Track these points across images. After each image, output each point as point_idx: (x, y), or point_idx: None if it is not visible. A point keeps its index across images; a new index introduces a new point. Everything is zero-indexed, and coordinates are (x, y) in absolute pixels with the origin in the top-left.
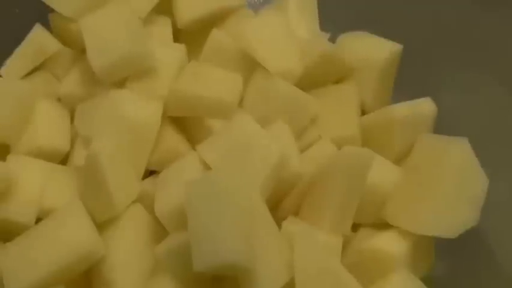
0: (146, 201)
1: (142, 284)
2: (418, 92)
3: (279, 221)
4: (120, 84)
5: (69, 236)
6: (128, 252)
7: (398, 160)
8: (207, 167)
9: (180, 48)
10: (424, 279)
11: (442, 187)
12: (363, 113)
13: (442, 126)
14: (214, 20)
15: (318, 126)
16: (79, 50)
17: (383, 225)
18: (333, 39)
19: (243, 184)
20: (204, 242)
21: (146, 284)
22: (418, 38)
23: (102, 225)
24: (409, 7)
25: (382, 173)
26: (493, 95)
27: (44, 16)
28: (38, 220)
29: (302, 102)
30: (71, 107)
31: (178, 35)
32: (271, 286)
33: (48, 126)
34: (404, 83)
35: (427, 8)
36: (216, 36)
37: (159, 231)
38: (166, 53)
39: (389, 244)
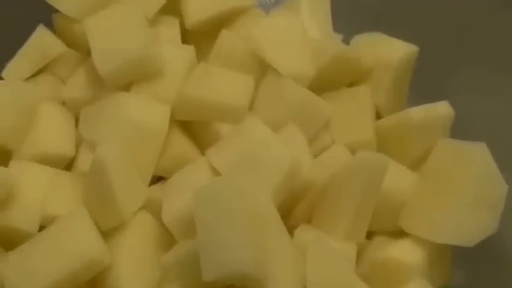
0: (153, 208)
1: None
2: (434, 95)
3: (290, 229)
4: (127, 87)
5: (74, 244)
6: (134, 261)
7: (415, 166)
8: (216, 173)
9: (189, 49)
10: None
11: (460, 194)
12: (378, 116)
13: (459, 130)
14: (224, 20)
15: (331, 131)
16: (84, 52)
17: (398, 233)
18: (346, 41)
19: (254, 191)
20: (214, 250)
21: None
22: (434, 39)
23: (107, 233)
24: (425, 7)
25: (397, 179)
26: None
27: (47, 17)
28: (41, 228)
29: (315, 106)
30: (75, 111)
31: (186, 36)
32: None
33: (52, 131)
34: (421, 85)
35: (443, 8)
36: (226, 37)
37: (167, 239)
38: (174, 54)
39: (405, 253)
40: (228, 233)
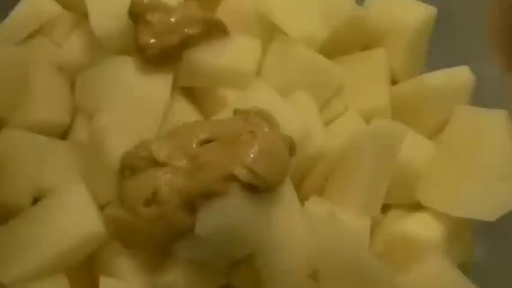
0: None
1: (151, 270)
2: (454, 60)
3: (301, 202)
4: (126, 51)
5: (70, 218)
6: None
7: (433, 135)
8: None
9: None
10: (461, 266)
11: (481, 164)
12: (393, 82)
13: (480, 97)
14: None
15: (344, 97)
16: (80, 13)
17: (415, 207)
18: (359, 1)
19: None
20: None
21: (155, 270)
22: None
23: (106, 207)
24: None
25: (414, 148)
26: None
27: None
28: (35, 201)
29: (326, 71)
30: (71, 76)
31: None
32: (293, 277)
33: (46, 98)
34: (439, 49)
35: None
36: None
37: None
38: None
39: (423, 227)
40: None
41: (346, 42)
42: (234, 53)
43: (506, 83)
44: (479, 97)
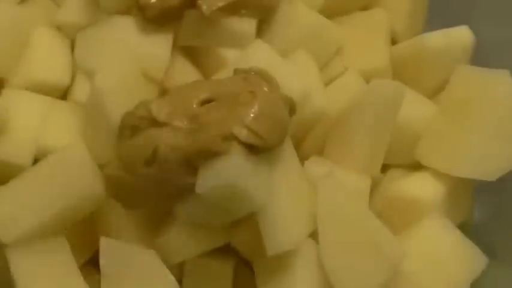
0: None
1: (152, 230)
2: (454, 20)
3: (301, 162)
4: (126, 11)
5: (70, 179)
6: None
7: (433, 95)
8: None
9: None
10: (461, 226)
11: (481, 124)
12: (393, 42)
13: (480, 57)
14: None
15: (344, 58)
16: None
17: (415, 166)
18: None
19: None
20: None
21: (155, 230)
22: None
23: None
24: None
25: (414, 108)
26: None
27: None
28: (36, 161)
29: (326, 31)
30: (71, 36)
31: None
32: (293, 237)
33: (46, 58)
34: (439, 9)
35: None
36: None
37: None
38: None
39: (422, 187)
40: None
41: (346, 2)
42: None
43: None
44: (478, 58)
